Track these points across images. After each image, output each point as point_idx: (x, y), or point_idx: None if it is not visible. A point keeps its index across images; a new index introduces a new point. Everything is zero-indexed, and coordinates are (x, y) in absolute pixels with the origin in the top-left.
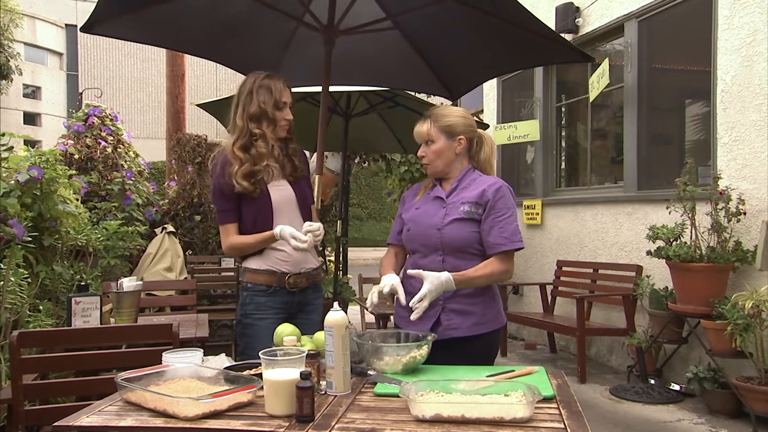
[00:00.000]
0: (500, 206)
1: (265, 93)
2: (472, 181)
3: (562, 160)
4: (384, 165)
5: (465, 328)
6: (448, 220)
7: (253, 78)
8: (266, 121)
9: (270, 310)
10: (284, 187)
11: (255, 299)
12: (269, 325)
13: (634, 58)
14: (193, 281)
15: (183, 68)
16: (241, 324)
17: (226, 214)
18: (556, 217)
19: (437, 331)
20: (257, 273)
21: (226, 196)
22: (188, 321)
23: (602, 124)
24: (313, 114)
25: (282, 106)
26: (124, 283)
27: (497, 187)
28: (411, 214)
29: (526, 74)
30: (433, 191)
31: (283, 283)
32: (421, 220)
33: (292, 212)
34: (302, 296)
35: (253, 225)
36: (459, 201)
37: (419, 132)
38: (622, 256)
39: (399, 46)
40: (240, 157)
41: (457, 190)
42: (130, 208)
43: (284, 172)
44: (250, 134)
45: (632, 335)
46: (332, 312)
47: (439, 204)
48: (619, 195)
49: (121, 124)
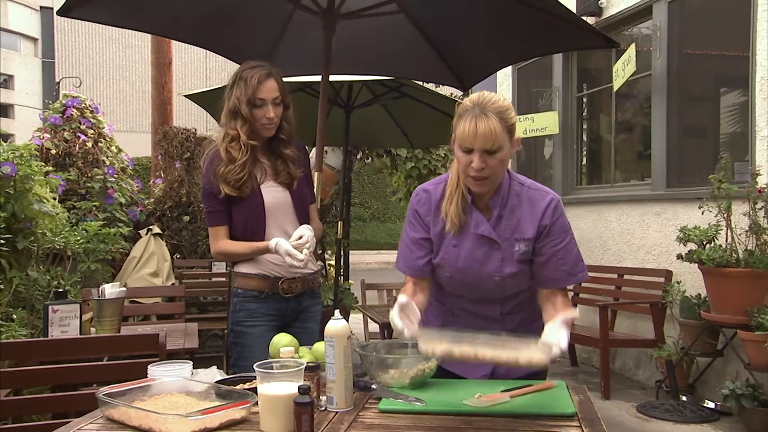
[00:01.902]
0: (556, 231)
1: (242, 86)
2: (517, 199)
3: (584, 155)
4: (389, 161)
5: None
6: (508, 270)
7: (240, 69)
8: (240, 120)
9: (262, 318)
10: (279, 190)
11: (246, 306)
12: (262, 333)
13: (663, 43)
14: (181, 287)
15: (170, 55)
16: (233, 332)
17: (215, 215)
18: (577, 218)
19: (499, 373)
20: (248, 278)
21: (215, 196)
22: (176, 331)
23: (628, 115)
24: (311, 106)
25: (258, 102)
26: (105, 289)
27: (553, 207)
28: (448, 256)
29: (544, 61)
30: (471, 221)
31: (276, 289)
32: (470, 269)
33: (288, 217)
34: (297, 303)
35: (243, 229)
36: (512, 236)
37: (485, 135)
38: (649, 260)
39: (405, 31)
40: (224, 158)
41: (504, 218)
42: (112, 208)
43: (277, 177)
44: (227, 135)
45: (661, 347)
46: (333, 321)
47: (488, 244)
48: (646, 193)
49: (102, 116)
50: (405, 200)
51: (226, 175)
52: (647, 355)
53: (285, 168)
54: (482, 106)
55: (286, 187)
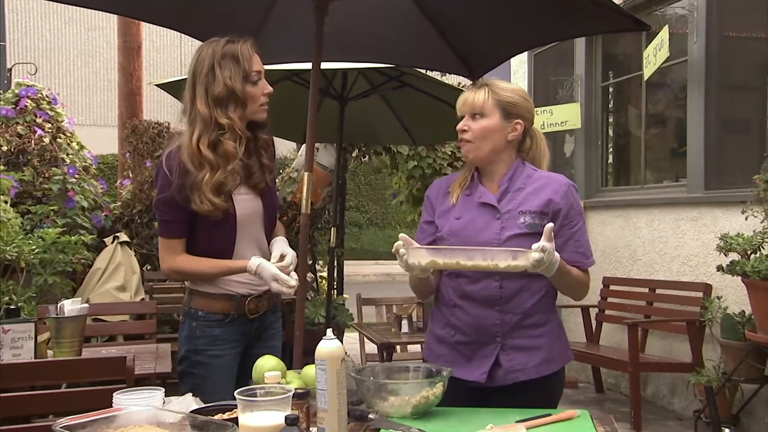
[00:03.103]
0: (573, 214)
1: (231, 64)
2: (527, 180)
3: (610, 152)
4: (388, 159)
5: (533, 368)
6: (505, 235)
7: (211, 47)
8: (234, 104)
9: (227, 344)
10: (250, 198)
11: (208, 332)
12: (226, 363)
13: (701, 25)
14: (152, 303)
15: (139, 39)
16: (189, 361)
17: (172, 225)
18: (602, 224)
19: (497, 375)
20: (211, 298)
21: (179, 205)
22: (146, 353)
23: (660, 107)
24: (300, 97)
25: (255, 77)
26: (65, 306)
27: (566, 189)
28: (450, 227)
29: (564, 46)
30: (474, 193)
31: (243, 310)
32: (468, 236)
33: (258, 228)
34: (261, 321)
35: (208, 245)
36: (516, 209)
37: (470, 100)
38: (685, 272)
39: (407, 13)
40: (210, 159)
41: (509, 193)
42: (72, 213)
43: (250, 180)
44: (218, 126)
45: (700, 372)
46: (325, 341)
47: (489, 213)
48: (681, 196)
49: (61, 108)
50: (406, 204)
51: (214, 182)
52: (684, 380)
53: (259, 168)
54: (483, 81)
55: (257, 193)
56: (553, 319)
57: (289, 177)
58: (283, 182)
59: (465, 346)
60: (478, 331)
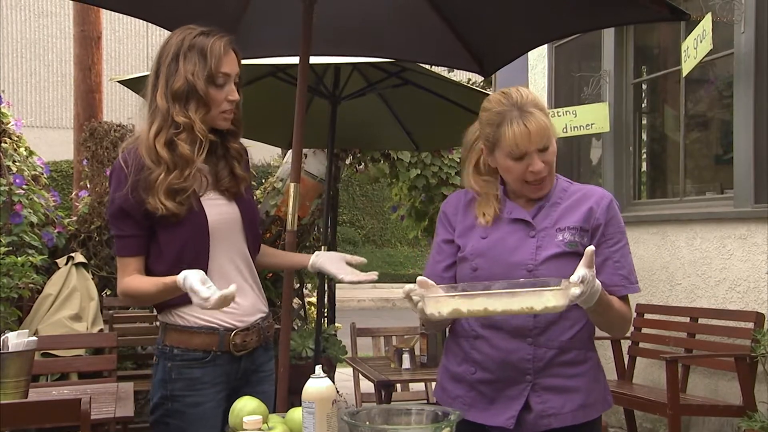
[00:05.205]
0: (612, 231)
1: (196, 58)
2: (563, 193)
3: (643, 160)
4: (387, 167)
5: (569, 414)
6: (542, 256)
7: (183, 35)
8: (195, 103)
9: (209, 388)
10: (223, 203)
11: (186, 373)
12: (207, 412)
13: (749, 12)
14: (112, 335)
15: (99, 28)
16: (163, 409)
17: (127, 241)
18: (635, 243)
19: (526, 420)
20: (188, 332)
21: (132, 216)
22: (105, 393)
23: (702, 107)
24: (286, 96)
25: (221, 80)
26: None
27: (607, 203)
28: (475, 246)
29: (590, 38)
30: (504, 209)
31: (227, 346)
32: (497, 256)
33: (237, 239)
34: (250, 361)
35: (177, 259)
36: (553, 226)
37: (541, 130)
38: (732, 300)
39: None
40: (165, 158)
41: (544, 208)
42: (19, 230)
43: (219, 184)
44: (174, 123)
45: (752, 416)
46: (313, 379)
47: (522, 231)
48: (727, 210)
49: (6, 107)
50: (408, 218)
51: (168, 184)
52: (733, 426)
53: (227, 170)
54: (518, 105)
55: (231, 197)
56: (592, 357)
57: (273, 188)
58: (266, 194)
59: (488, 386)
60: (505, 367)
